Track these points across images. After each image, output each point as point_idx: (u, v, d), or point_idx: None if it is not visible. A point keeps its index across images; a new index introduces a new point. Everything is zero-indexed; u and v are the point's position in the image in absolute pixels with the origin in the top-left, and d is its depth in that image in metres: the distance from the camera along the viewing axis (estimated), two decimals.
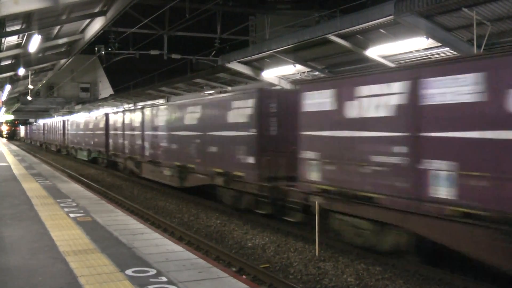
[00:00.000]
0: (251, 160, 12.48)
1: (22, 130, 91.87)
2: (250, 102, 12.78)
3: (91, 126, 31.15)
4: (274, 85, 22.92)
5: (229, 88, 26.06)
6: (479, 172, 6.98)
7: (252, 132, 12.55)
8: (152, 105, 21.66)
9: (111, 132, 26.07)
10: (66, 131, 41.31)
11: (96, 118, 30.24)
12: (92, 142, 30.70)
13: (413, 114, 8.09)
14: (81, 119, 35.34)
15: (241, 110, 13.16)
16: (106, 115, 27.52)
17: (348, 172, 9.38)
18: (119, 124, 24.47)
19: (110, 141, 26.25)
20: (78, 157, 35.51)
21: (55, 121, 48.69)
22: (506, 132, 6.69)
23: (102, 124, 27.96)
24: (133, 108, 25.30)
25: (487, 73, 7.01)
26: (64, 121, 42.57)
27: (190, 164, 15.71)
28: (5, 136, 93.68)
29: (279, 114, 12.62)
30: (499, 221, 6.68)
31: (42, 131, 57.90)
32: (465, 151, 7.20)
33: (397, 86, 8.45)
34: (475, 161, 7.05)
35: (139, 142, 21.18)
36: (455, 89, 7.43)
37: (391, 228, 8.60)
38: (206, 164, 14.72)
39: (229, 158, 13.49)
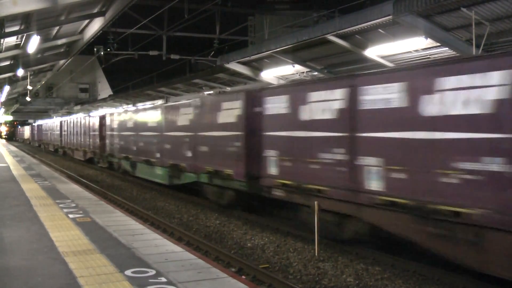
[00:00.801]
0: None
1: (26, 130, 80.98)
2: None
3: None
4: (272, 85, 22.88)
5: (228, 89, 26.06)
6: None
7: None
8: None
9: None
10: (106, 133, 26.43)
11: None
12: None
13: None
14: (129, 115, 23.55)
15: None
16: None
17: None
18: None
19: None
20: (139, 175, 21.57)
21: (85, 119, 32.57)
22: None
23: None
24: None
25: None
26: (102, 119, 27.82)
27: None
28: (4, 137, 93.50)
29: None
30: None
31: (58, 132, 43.00)
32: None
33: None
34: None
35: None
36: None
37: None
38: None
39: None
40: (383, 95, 8.55)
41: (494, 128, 6.77)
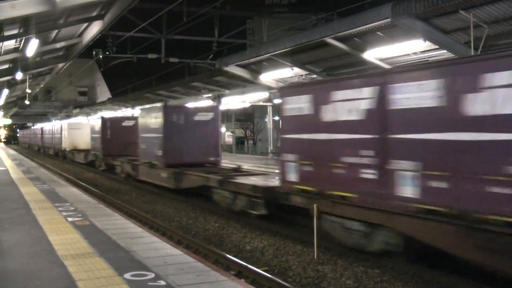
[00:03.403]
0: None
1: (35, 132, 65.31)
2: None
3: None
4: (272, 88, 22.93)
5: (227, 91, 26.05)
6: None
7: None
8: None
9: None
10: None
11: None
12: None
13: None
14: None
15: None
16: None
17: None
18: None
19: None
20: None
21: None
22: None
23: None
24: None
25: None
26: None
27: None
28: (3, 140, 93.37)
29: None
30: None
31: (99, 135, 28.22)
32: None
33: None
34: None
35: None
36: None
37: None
38: None
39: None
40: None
41: None
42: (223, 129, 42.90)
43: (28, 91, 33.70)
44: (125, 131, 26.33)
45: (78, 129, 37.22)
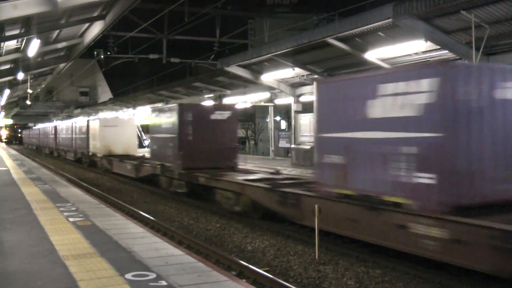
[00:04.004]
0: None
1: (45, 132, 52.90)
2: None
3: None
4: (273, 88, 22.95)
5: (229, 92, 26.06)
6: None
7: None
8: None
9: None
10: None
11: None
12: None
13: None
14: None
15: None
16: None
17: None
18: None
19: None
20: None
21: None
22: None
23: None
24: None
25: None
26: None
27: None
28: (4, 140, 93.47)
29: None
30: None
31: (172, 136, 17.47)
32: None
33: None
34: None
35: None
36: None
37: None
38: None
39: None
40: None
41: None
42: None
43: (30, 91, 33.77)
44: (216, 128, 17.16)
45: (114, 127, 28.27)
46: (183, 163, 16.23)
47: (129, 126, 28.86)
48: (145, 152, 27.04)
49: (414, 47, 13.09)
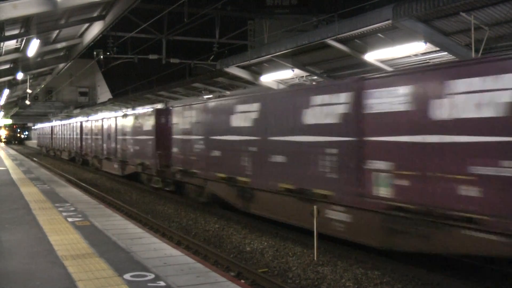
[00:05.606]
0: None
1: (63, 130, 40.73)
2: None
3: None
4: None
5: (228, 93, 26.08)
6: None
7: None
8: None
9: None
10: None
11: None
12: None
13: None
14: None
15: None
16: None
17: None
18: None
19: None
20: None
21: None
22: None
23: None
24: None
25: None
26: None
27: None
28: (3, 140, 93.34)
29: None
30: None
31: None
32: None
33: None
34: None
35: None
36: None
37: None
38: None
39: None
40: None
41: None
42: None
43: (29, 91, 33.72)
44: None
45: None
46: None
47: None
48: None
49: (414, 49, 13.08)
